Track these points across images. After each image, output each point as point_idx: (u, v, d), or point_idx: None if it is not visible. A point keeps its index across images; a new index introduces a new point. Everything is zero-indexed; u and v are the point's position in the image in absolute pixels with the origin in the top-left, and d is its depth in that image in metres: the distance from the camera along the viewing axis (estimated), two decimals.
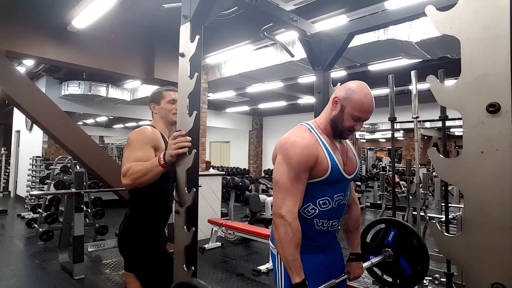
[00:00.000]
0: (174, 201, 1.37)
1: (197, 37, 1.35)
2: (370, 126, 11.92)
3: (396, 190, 5.06)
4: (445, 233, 0.93)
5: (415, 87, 2.97)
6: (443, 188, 3.65)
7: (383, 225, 1.71)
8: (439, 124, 4.09)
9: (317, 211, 1.31)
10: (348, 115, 1.29)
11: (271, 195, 6.67)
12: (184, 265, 1.31)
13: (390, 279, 1.69)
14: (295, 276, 1.19)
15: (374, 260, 1.59)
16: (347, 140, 1.48)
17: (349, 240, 1.55)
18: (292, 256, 1.20)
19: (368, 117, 1.30)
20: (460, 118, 0.87)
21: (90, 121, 13.44)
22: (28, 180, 7.17)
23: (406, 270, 1.58)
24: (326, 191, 1.31)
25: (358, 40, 3.93)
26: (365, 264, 1.55)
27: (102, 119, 12.60)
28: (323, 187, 1.30)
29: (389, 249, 1.62)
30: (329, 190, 1.31)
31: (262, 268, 3.80)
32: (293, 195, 1.22)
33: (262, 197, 6.47)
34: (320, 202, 1.31)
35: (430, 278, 2.74)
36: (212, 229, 4.87)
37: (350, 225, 1.53)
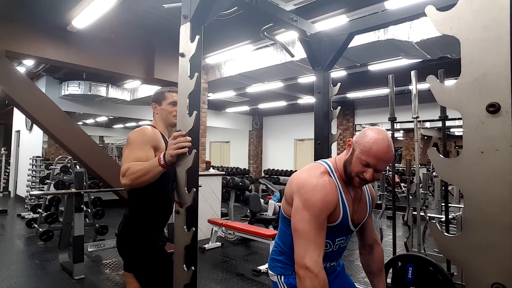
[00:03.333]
0: (174, 201, 1.37)
1: (197, 37, 1.35)
2: (370, 126, 11.90)
3: (396, 190, 5.07)
4: (445, 233, 0.93)
5: (415, 87, 2.97)
6: (443, 188, 3.65)
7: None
8: (439, 124, 4.10)
9: None
10: (356, 158, 1.20)
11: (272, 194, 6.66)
12: (184, 265, 1.32)
13: None
14: None
15: None
16: (366, 188, 1.39)
17: (373, 284, 1.45)
18: None
19: (378, 164, 1.17)
20: (460, 118, 0.87)
21: (90, 121, 13.44)
22: (28, 180, 7.17)
23: None
24: (329, 235, 1.24)
25: (358, 40, 3.93)
26: None
27: (102, 119, 12.60)
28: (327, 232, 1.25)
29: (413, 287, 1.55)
30: (332, 234, 1.26)
31: (262, 268, 3.80)
32: (316, 244, 1.15)
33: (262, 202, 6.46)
34: None
35: None
36: (212, 229, 4.87)
37: (373, 267, 1.45)
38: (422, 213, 3.07)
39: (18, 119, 9.27)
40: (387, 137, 1.19)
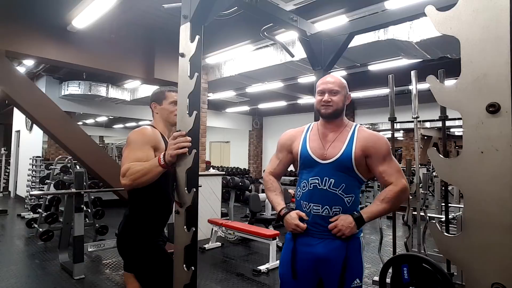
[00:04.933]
0: (174, 201, 1.37)
1: (197, 37, 1.35)
2: (370, 126, 11.93)
3: None
4: (445, 233, 0.93)
5: (415, 87, 2.97)
6: (443, 188, 3.65)
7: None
8: (439, 124, 4.10)
9: (300, 193, 1.55)
10: (316, 95, 1.57)
11: None
12: (184, 265, 1.32)
13: None
14: (277, 209, 1.56)
15: None
16: (354, 129, 1.54)
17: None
18: (271, 198, 1.63)
19: (327, 87, 1.51)
20: (460, 118, 0.87)
21: (90, 121, 13.44)
22: (28, 180, 7.17)
23: None
24: (304, 175, 1.54)
25: (358, 40, 3.93)
26: None
27: (102, 119, 12.60)
28: (302, 171, 1.56)
29: (413, 287, 1.56)
30: (306, 174, 1.53)
31: (262, 268, 3.80)
32: (271, 162, 1.71)
33: (262, 196, 6.46)
34: (302, 185, 1.54)
35: None
36: (212, 229, 4.87)
37: (378, 196, 1.52)
38: (422, 213, 3.07)
39: (18, 119, 9.27)
40: (331, 74, 1.68)
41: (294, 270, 1.49)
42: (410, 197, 3.30)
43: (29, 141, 8.46)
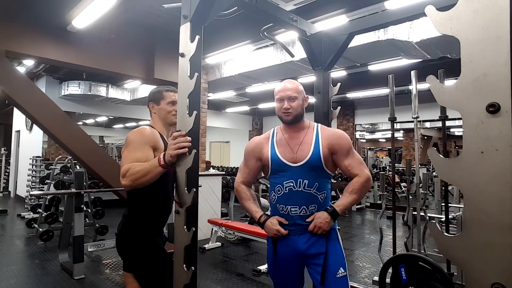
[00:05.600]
0: (173, 201, 1.37)
1: (197, 37, 1.35)
2: (370, 126, 11.93)
3: (396, 190, 5.07)
4: (445, 233, 0.93)
5: (415, 87, 2.97)
6: (443, 188, 3.65)
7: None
8: (439, 124, 4.10)
9: (276, 197, 1.59)
10: (276, 103, 1.62)
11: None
12: (184, 265, 1.32)
13: None
14: (256, 217, 1.61)
15: None
16: (317, 129, 1.62)
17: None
18: (247, 207, 1.67)
19: (285, 94, 1.56)
20: (460, 118, 0.87)
21: (90, 121, 13.45)
22: (28, 180, 7.17)
23: None
24: (278, 179, 1.58)
25: (358, 40, 3.93)
26: None
27: (102, 119, 12.60)
28: (275, 176, 1.59)
29: (412, 287, 1.58)
30: (279, 178, 1.57)
31: (262, 268, 3.80)
32: (241, 172, 1.73)
33: (263, 201, 6.45)
34: (276, 189, 1.58)
35: None
36: (212, 229, 4.87)
37: (346, 188, 1.61)
38: (422, 213, 3.07)
39: (18, 119, 9.27)
40: (289, 81, 1.62)
41: (279, 270, 1.60)
42: (410, 197, 3.31)
43: (29, 141, 8.46)
